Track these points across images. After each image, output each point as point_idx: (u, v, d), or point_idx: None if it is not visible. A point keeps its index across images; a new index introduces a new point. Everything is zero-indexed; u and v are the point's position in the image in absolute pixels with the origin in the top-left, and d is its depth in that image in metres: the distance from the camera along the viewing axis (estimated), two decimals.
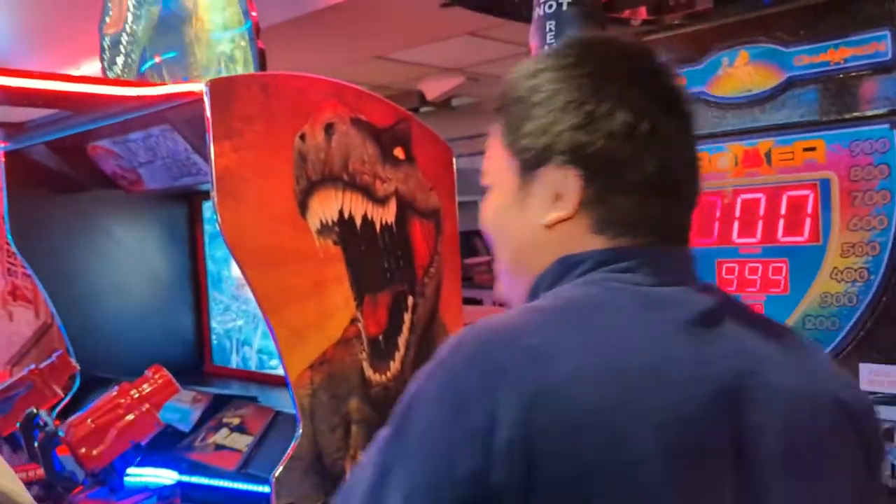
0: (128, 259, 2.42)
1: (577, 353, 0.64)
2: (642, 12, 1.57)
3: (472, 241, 5.75)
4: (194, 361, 2.57)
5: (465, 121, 6.45)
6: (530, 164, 0.75)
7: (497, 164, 0.80)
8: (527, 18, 1.09)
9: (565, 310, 0.69)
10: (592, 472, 0.61)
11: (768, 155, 1.44)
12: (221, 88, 1.66)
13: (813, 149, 1.40)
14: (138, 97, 1.74)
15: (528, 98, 0.75)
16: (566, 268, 0.73)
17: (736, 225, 1.49)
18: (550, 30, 1.00)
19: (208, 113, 1.62)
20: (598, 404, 0.62)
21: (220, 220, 1.63)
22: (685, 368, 0.66)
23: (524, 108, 0.75)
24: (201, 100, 1.63)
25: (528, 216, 0.76)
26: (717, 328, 0.70)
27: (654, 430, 0.62)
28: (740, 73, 1.47)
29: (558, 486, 0.60)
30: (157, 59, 2.20)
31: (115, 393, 1.74)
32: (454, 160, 2.27)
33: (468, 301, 5.25)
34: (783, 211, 1.44)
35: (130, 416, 1.71)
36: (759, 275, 1.46)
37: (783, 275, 1.44)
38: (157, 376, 1.79)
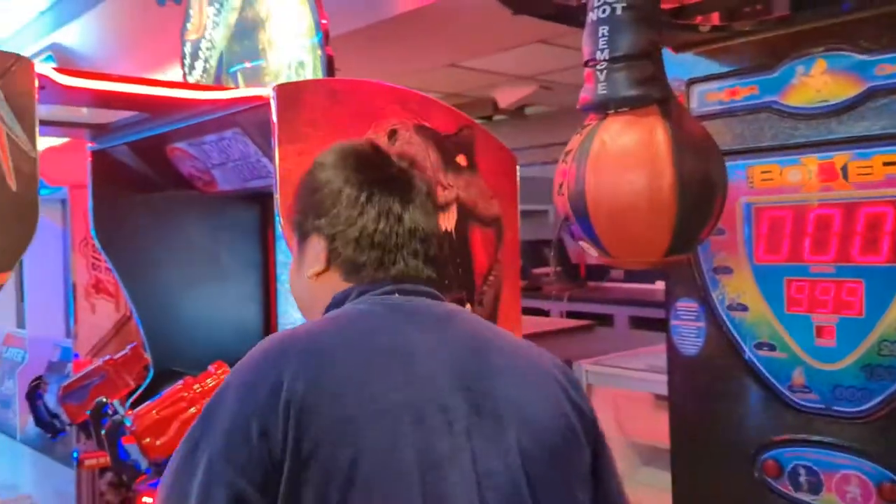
0: (201, 257, 2.50)
1: (340, 339, 0.90)
2: (714, 18, 1.52)
3: (541, 251, 5.69)
4: None
5: (538, 129, 6.40)
6: (302, 235, 1.04)
7: (288, 238, 1.07)
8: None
9: (335, 318, 0.95)
10: (354, 419, 0.83)
11: (845, 169, 1.37)
12: (288, 94, 1.70)
13: (894, 163, 1.31)
14: (209, 101, 1.80)
15: (299, 188, 1.07)
16: (339, 300, 0.98)
17: (807, 242, 1.41)
18: (603, 35, 0.96)
19: (274, 117, 1.66)
20: (355, 372, 0.86)
21: (282, 222, 1.66)
22: (425, 348, 0.91)
23: (298, 195, 1.07)
24: (269, 104, 1.67)
25: (302, 273, 1.04)
26: (450, 325, 0.97)
27: (401, 390, 0.86)
28: (817, 82, 1.39)
29: (326, 433, 0.81)
30: (247, 65, 2.27)
31: (179, 386, 1.79)
32: (518, 168, 2.24)
33: (534, 311, 5.18)
34: (860, 228, 1.35)
35: (193, 410, 1.76)
36: (832, 295, 1.38)
37: (858, 296, 1.35)
38: (219, 372, 1.84)
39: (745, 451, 1.49)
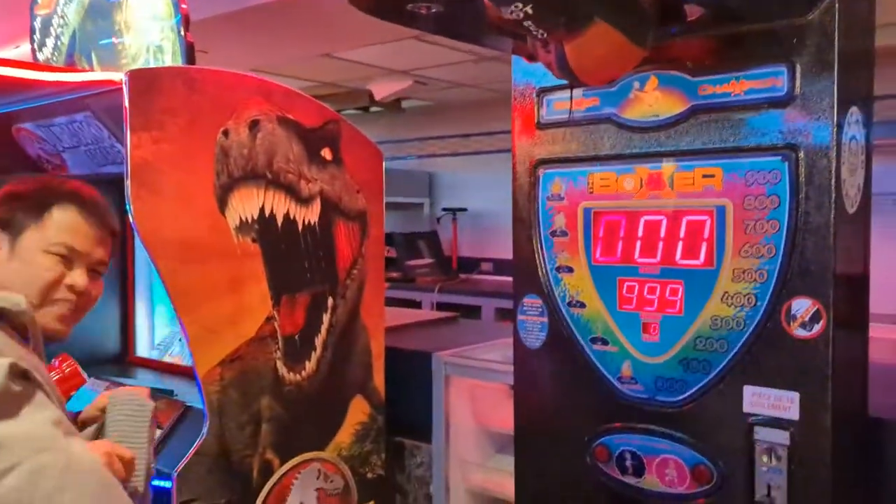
0: None
1: None
2: None
3: (416, 243, 5.77)
4: (120, 351, 2.54)
5: (415, 122, 6.45)
6: None
7: None
8: (438, 30, 1.10)
9: None
10: None
11: (671, 179, 1.50)
12: (143, 80, 1.65)
13: (712, 176, 1.45)
14: (59, 83, 1.71)
15: None
16: None
17: (638, 245, 1.53)
18: None
19: (126, 103, 1.61)
20: None
21: (132, 211, 1.62)
22: None
23: None
24: (121, 89, 1.62)
25: None
26: None
27: None
28: (649, 97, 1.51)
29: None
30: (101, 43, 2.16)
31: None
32: (385, 163, 2.28)
33: (407, 303, 5.26)
34: (682, 234, 1.49)
35: None
36: (657, 294, 1.51)
37: (679, 296, 1.49)
38: (64, 366, 1.77)
39: (580, 439, 1.61)
